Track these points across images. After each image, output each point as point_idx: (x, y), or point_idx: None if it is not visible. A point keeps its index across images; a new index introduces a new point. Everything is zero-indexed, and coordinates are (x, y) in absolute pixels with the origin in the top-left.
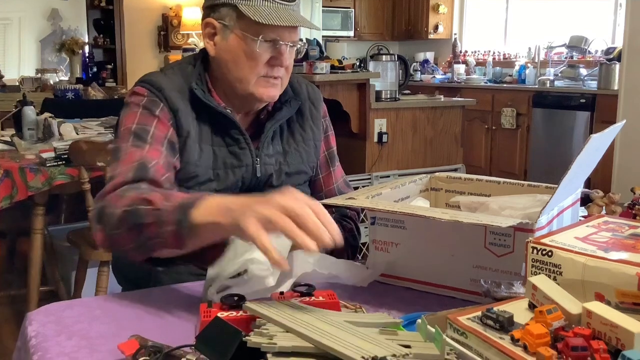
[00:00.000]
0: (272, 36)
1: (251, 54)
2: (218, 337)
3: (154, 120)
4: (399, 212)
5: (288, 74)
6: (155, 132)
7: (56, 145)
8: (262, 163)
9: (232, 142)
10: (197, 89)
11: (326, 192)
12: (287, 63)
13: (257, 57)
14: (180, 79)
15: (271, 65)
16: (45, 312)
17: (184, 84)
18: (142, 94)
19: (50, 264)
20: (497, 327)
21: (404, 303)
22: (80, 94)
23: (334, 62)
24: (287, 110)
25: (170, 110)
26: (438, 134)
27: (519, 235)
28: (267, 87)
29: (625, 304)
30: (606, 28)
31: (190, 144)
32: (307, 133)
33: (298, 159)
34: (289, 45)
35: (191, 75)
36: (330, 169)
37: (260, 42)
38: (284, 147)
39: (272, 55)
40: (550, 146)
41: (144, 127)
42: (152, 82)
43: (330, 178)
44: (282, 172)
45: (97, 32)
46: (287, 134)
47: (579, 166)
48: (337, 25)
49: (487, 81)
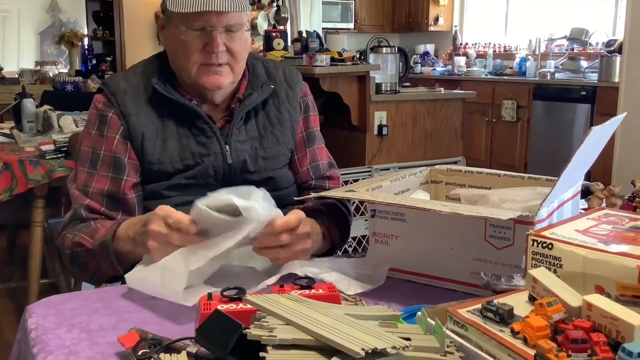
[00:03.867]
0: (199, 24)
1: (183, 43)
2: (218, 329)
3: (102, 142)
4: (399, 204)
5: (236, 58)
6: (105, 155)
7: (56, 137)
8: (233, 149)
9: (198, 132)
10: (157, 84)
11: (301, 173)
12: (221, 49)
13: (189, 46)
14: (140, 78)
15: (207, 53)
16: (45, 304)
17: (145, 81)
18: (99, 102)
19: (50, 257)
20: (497, 319)
21: (404, 296)
22: (79, 87)
23: (334, 55)
24: (258, 95)
25: (121, 116)
26: (438, 126)
27: (519, 228)
28: (210, 75)
29: (626, 296)
30: (607, 20)
31: (148, 145)
32: (283, 115)
33: (274, 142)
34: (220, 30)
35: (153, 71)
36: (306, 149)
37: (186, 31)
38: (260, 132)
39: (205, 43)
40: (550, 139)
41: (95, 151)
42: (109, 86)
43: (305, 159)
44: (259, 156)
45: (96, 24)
46: (263, 118)
47: (579, 159)
48: (337, 17)
49: (488, 73)
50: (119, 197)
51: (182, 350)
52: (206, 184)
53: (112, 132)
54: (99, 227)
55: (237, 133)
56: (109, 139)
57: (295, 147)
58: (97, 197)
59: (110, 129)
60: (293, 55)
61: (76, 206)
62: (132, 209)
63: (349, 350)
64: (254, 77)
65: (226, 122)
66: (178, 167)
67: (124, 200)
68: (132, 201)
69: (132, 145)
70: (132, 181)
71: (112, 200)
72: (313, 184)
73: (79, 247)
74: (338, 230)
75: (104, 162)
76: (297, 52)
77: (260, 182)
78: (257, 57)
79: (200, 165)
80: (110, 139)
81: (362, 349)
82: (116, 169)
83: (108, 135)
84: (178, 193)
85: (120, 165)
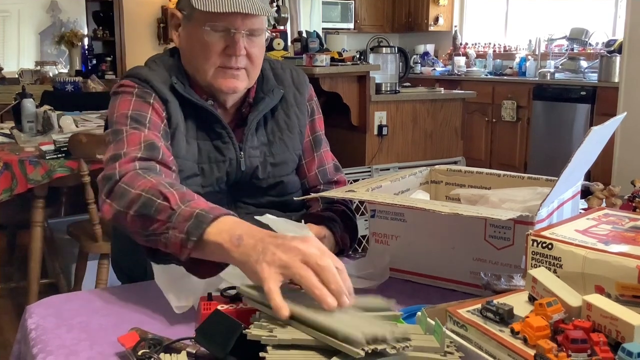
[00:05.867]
0: (223, 25)
1: (204, 43)
2: (218, 329)
3: (149, 107)
4: (399, 204)
5: (254, 64)
6: (152, 119)
7: (56, 137)
8: (247, 156)
9: (216, 136)
10: (176, 83)
11: (309, 178)
12: (242, 52)
13: (210, 47)
14: (164, 72)
15: (227, 55)
16: (46, 304)
17: (167, 77)
18: (132, 85)
19: (50, 257)
20: (497, 319)
21: (403, 295)
22: (79, 87)
23: (334, 55)
24: (270, 100)
25: (161, 101)
26: (438, 126)
27: (519, 228)
28: (226, 79)
29: (625, 296)
30: (607, 20)
31: (179, 137)
32: (292, 120)
33: (283, 148)
34: (243, 33)
35: (172, 68)
36: (314, 154)
37: (209, 31)
38: (269, 138)
39: (227, 45)
40: (550, 139)
41: (140, 113)
42: (140, 75)
43: (312, 164)
44: (267, 163)
45: (96, 25)
46: (272, 123)
47: (579, 159)
48: (337, 17)
49: (488, 73)
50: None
51: (182, 350)
52: (215, 190)
53: (156, 105)
54: (191, 193)
55: (250, 139)
56: (154, 108)
57: (302, 152)
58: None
59: (153, 101)
60: (293, 56)
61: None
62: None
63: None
64: (263, 80)
65: (235, 127)
66: (194, 170)
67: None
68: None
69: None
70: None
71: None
72: (322, 188)
73: (160, 199)
74: (349, 237)
75: (152, 123)
76: (297, 52)
77: (268, 188)
78: (263, 58)
79: (215, 171)
80: (155, 109)
81: (362, 332)
82: (165, 135)
83: (153, 103)
84: None
85: (167, 133)
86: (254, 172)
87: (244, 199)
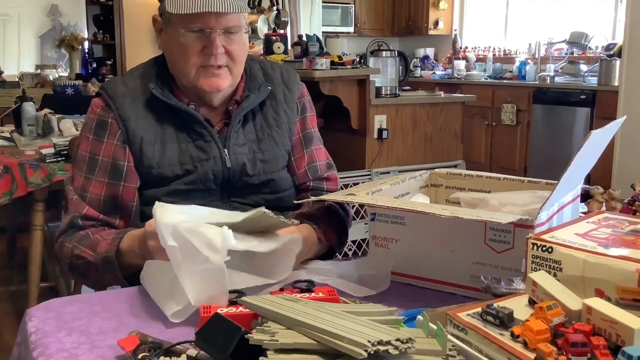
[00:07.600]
0: (198, 25)
1: (182, 45)
2: (218, 333)
3: (101, 147)
4: (399, 208)
5: (236, 61)
6: (103, 160)
7: (56, 141)
8: (232, 153)
9: (197, 136)
10: (154, 89)
11: (298, 174)
12: (220, 51)
13: (188, 48)
14: (138, 82)
15: (206, 55)
16: (45, 308)
17: (144, 86)
18: (97, 107)
19: (50, 260)
20: (497, 323)
21: (403, 299)
22: (79, 90)
23: (334, 58)
24: (255, 97)
25: (119, 121)
26: (438, 130)
27: (519, 232)
28: (208, 78)
29: (626, 300)
30: (606, 24)
31: (147, 148)
32: (281, 117)
33: (272, 145)
34: (219, 32)
35: (149, 75)
36: (303, 150)
37: (186, 33)
38: (257, 135)
39: (204, 45)
40: (550, 142)
41: (94, 157)
42: (107, 90)
43: (302, 161)
44: (257, 159)
45: (96, 28)
46: (261, 120)
47: (579, 162)
48: (337, 21)
49: (487, 77)
50: (117, 203)
51: (182, 353)
52: (206, 189)
53: (111, 138)
54: (99, 239)
55: (235, 136)
56: (107, 144)
57: (292, 149)
58: (94, 203)
59: (108, 134)
60: (293, 59)
61: (73, 214)
62: (131, 214)
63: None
64: (250, 78)
65: (225, 125)
66: (177, 172)
67: (122, 205)
68: (130, 207)
69: (130, 149)
70: (130, 187)
71: (109, 206)
72: (311, 185)
73: (80, 260)
74: (335, 233)
75: (101, 167)
76: (297, 56)
77: (259, 185)
78: (254, 59)
79: (199, 170)
80: (109, 144)
81: (368, 341)
82: (114, 174)
83: (106, 141)
84: (177, 199)
85: (118, 170)
86: (242, 169)
87: (237, 199)
